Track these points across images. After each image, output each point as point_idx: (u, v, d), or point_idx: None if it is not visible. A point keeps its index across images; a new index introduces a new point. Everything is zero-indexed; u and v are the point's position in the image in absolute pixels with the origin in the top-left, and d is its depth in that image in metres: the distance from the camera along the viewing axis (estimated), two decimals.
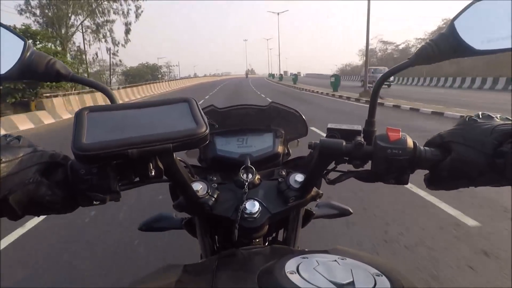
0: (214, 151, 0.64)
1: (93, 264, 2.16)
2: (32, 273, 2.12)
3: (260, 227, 0.52)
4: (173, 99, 0.45)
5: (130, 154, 0.37)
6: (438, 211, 2.70)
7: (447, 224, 2.47)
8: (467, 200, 2.82)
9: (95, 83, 0.53)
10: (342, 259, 0.35)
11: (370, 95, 0.53)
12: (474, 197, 2.87)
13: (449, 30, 0.45)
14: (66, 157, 0.45)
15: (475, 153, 0.42)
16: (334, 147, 0.48)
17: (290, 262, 0.34)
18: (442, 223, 2.47)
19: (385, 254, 2.11)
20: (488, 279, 1.83)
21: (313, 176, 0.53)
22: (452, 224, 2.46)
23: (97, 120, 0.41)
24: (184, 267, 0.40)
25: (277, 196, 0.55)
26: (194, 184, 0.53)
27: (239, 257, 0.43)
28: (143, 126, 0.40)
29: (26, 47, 0.46)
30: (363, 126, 0.53)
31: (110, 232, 2.64)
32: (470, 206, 2.73)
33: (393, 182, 0.48)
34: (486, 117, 0.45)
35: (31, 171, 0.40)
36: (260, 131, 0.67)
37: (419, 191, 3.06)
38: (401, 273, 0.34)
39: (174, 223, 0.73)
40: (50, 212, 0.43)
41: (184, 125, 0.40)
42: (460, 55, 0.46)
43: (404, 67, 0.50)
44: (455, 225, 2.45)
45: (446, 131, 0.47)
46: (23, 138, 0.42)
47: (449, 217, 2.59)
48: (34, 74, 0.48)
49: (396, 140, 0.46)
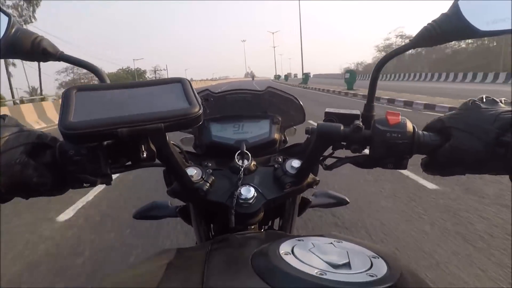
0: (209, 137, 0.63)
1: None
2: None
3: (256, 213, 0.51)
4: (166, 79, 0.44)
5: (119, 133, 0.36)
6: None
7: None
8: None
9: (85, 62, 0.51)
10: (338, 241, 0.34)
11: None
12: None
13: (453, 10, 0.43)
14: (55, 138, 0.44)
15: (475, 140, 0.41)
16: (332, 131, 0.46)
17: (285, 244, 0.33)
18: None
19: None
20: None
21: (309, 161, 0.51)
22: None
23: (86, 99, 0.39)
24: (177, 250, 0.39)
25: (273, 182, 0.54)
26: (189, 169, 0.52)
27: (233, 241, 0.42)
28: (134, 105, 0.39)
29: (11, 23, 0.45)
30: (362, 111, 0.52)
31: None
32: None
33: (391, 167, 0.47)
34: (490, 102, 0.43)
35: (18, 151, 0.39)
36: (257, 117, 0.65)
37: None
38: (398, 256, 0.33)
39: (169, 211, 0.72)
40: (38, 194, 0.42)
41: (177, 104, 0.39)
42: (464, 36, 0.44)
43: (405, 49, 0.49)
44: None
45: (447, 115, 0.45)
46: (9, 117, 0.41)
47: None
48: (20, 52, 0.46)
49: (396, 123, 0.44)
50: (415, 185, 3.22)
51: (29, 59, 0.48)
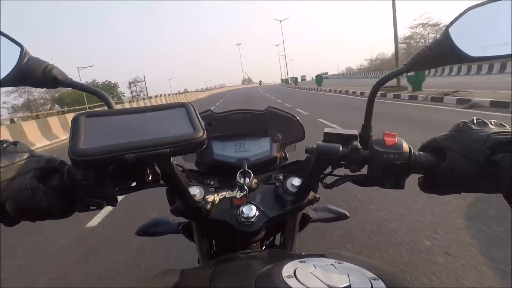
0: (211, 156, 0.64)
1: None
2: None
3: (258, 231, 0.52)
4: (170, 104, 0.46)
5: (127, 159, 0.37)
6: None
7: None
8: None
9: (93, 89, 0.53)
10: (339, 263, 0.35)
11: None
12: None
13: (444, 37, 0.45)
14: (63, 162, 0.45)
15: (468, 161, 0.42)
16: (331, 151, 0.48)
17: (288, 266, 0.34)
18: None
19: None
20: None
21: (310, 180, 0.53)
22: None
23: (94, 125, 0.41)
24: (181, 271, 0.40)
25: (274, 200, 0.55)
26: (191, 189, 0.53)
27: (236, 262, 0.43)
28: (141, 131, 0.40)
29: (23, 53, 0.47)
30: (359, 131, 0.53)
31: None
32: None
33: (389, 187, 0.48)
34: (480, 123, 0.45)
35: (28, 176, 0.40)
36: (257, 135, 0.67)
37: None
38: (398, 276, 0.34)
39: (172, 228, 0.73)
40: (46, 217, 0.43)
41: (182, 130, 0.41)
42: (455, 61, 0.46)
43: (400, 72, 0.51)
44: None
45: (441, 136, 0.47)
46: (20, 144, 0.42)
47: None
48: (31, 80, 0.48)
49: (392, 144, 0.46)
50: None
51: (40, 86, 0.49)
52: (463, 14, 0.45)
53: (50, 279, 2.25)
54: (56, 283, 2.18)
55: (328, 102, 14.91)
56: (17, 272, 2.38)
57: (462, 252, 1.95)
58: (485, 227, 2.19)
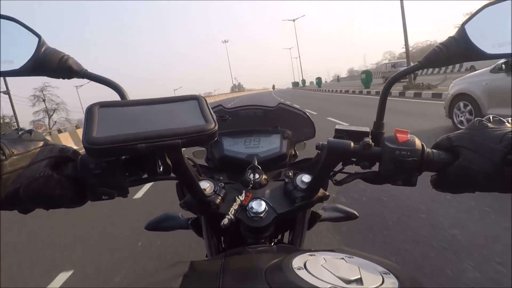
0: (221, 151, 0.64)
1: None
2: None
3: (267, 227, 0.52)
4: (182, 97, 0.46)
5: (139, 148, 0.38)
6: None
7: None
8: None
9: (107, 80, 0.54)
10: (349, 257, 0.35)
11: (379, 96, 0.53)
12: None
13: (460, 34, 0.45)
14: (76, 151, 0.46)
15: (483, 159, 0.42)
16: (342, 147, 0.48)
17: (297, 259, 0.34)
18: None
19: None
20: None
21: (320, 176, 0.52)
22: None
23: (108, 115, 0.41)
24: (191, 263, 0.40)
25: (284, 196, 0.55)
26: (202, 183, 0.53)
27: (245, 255, 0.43)
28: (153, 122, 0.41)
29: (41, 43, 0.47)
30: (371, 128, 0.53)
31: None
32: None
33: (401, 184, 0.47)
34: (497, 122, 0.44)
35: (42, 165, 0.41)
36: (268, 132, 0.67)
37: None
38: (409, 273, 0.34)
39: (181, 223, 0.73)
40: (59, 206, 0.44)
41: (193, 121, 0.41)
42: (470, 58, 0.46)
43: (413, 70, 0.51)
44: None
45: (455, 134, 0.46)
46: (35, 132, 0.43)
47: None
48: (47, 70, 0.49)
49: (405, 141, 0.46)
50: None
51: (55, 76, 0.50)
52: (480, 11, 0.45)
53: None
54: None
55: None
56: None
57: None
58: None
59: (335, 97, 19.67)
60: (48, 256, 2.86)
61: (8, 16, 0.46)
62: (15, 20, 0.46)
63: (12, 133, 0.41)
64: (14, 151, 0.38)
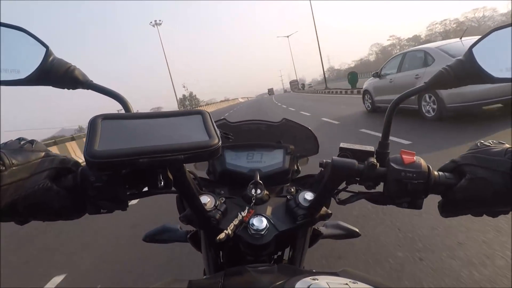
0: (223, 165, 0.64)
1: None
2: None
3: (267, 245, 0.51)
4: (186, 111, 0.46)
5: (140, 163, 0.37)
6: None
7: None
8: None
9: (112, 91, 0.53)
10: (353, 282, 0.34)
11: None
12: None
13: (467, 57, 0.45)
14: (77, 163, 0.45)
15: (490, 173, 0.41)
16: (346, 167, 0.47)
17: (300, 283, 0.33)
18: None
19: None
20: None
21: (323, 195, 0.52)
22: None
23: (111, 128, 0.41)
24: (189, 282, 0.39)
25: (286, 214, 0.54)
26: (202, 197, 0.52)
27: (245, 275, 0.42)
28: (156, 136, 0.40)
29: (48, 53, 0.47)
30: (376, 147, 0.52)
31: None
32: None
33: (406, 206, 0.47)
34: (496, 143, 0.45)
35: (42, 176, 0.40)
36: (271, 147, 0.66)
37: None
38: None
39: (179, 236, 0.72)
40: (57, 218, 0.43)
41: (197, 137, 0.40)
42: (478, 81, 0.45)
43: (419, 90, 0.50)
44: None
45: (459, 156, 0.46)
46: (37, 142, 0.42)
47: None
48: (53, 80, 0.49)
49: (410, 163, 0.45)
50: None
51: (60, 86, 0.50)
52: (488, 35, 0.45)
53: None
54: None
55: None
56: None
57: None
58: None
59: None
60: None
61: (17, 26, 0.46)
62: (23, 30, 0.47)
63: (13, 143, 0.41)
64: (14, 162, 0.38)
